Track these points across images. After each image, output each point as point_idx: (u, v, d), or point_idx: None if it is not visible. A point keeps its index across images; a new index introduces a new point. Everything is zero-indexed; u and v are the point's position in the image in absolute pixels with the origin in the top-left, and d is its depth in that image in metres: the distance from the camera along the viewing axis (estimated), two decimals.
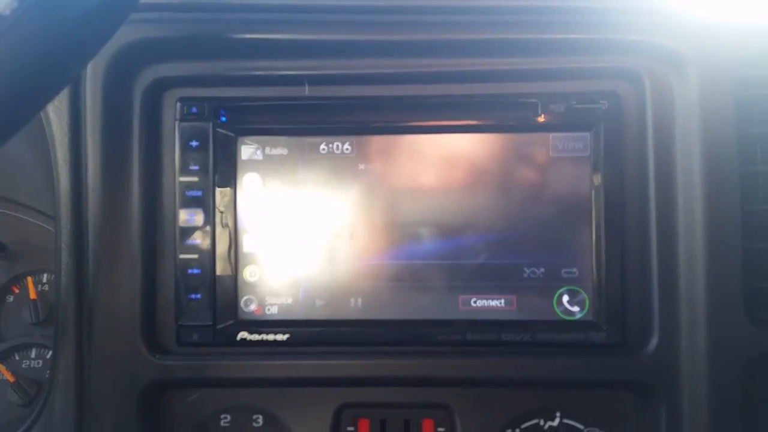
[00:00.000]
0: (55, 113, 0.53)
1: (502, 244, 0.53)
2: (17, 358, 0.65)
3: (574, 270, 0.52)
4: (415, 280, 0.53)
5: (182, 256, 0.54)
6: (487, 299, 0.53)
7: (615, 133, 0.52)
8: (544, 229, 0.53)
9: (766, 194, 0.51)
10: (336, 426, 0.54)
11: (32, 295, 0.65)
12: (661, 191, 0.52)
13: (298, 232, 0.54)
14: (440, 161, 0.53)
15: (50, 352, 0.64)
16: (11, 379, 0.63)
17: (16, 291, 0.66)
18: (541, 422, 0.53)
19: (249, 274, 0.54)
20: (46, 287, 0.66)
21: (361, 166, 0.53)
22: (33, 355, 0.65)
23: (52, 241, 0.64)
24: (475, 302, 0.53)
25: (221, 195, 0.53)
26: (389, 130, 0.53)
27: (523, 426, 0.53)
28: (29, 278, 0.65)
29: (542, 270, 0.53)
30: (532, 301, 0.53)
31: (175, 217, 0.54)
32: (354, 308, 0.53)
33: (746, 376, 0.49)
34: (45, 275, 0.66)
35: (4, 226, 0.66)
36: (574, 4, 0.52)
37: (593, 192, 0.52)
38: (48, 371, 0.63)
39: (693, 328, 0.50)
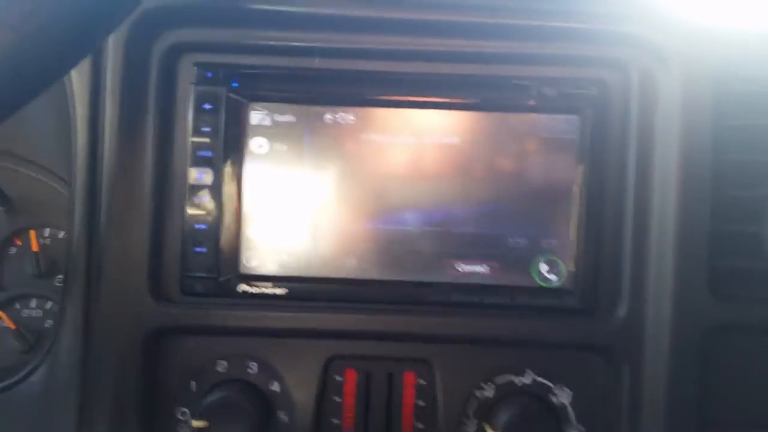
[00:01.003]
0: (78, 73, 0.56)
1: (489, 215, 0.57)
2: (18, 307, 0.68)
3: (554, 241, 0.57)
4: (407, 245, 0.58)
5: (190, 211, 0.57)
6: (471, 265, 0.57)
7: (601, 117, 0.57)
8: (528, 204, 0.57)
9: (735, 182, 0.55)
10: (325, 375, 0.58)
11: (34, 247, 0.68)
12: (640, 174, 0.56)
13: (301, 196, 0.58)
14: (438, 136, 0.57)
15: (50, 303, 0.67)
16: (12, 326, 0.66)
17: (19, 243, 0.69)
18: (514, 379, 0.58)
19: (252, 231, 0.58)
20: (48, 241, 0.69)
21: (363, 136, 0.57)
22: (33, 305, 0.68)
23: (55, 197, 0.67)
24: (460, 267, 0.58)
25: (230, 156, 0.57)
26: (391, 103, 0.57)
27: (497, 381, 0.58)
28: (32, 232, 0.68)
29: (524, 240, 0.57)
30: (513, 268, 0.57)
31: (185, 175, 0.57)
32: (348, 268, 0.58)
33: (704, 344, 0.54)
34: (47, 230, 0.69)
35: (10, 180, 0.68)
36: None
37: (577, 172, 0.57)
38: (48, 321, 0.66)
39: (659, 299, 0.55)
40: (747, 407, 0.55)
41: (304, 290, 0.58)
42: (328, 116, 0.58)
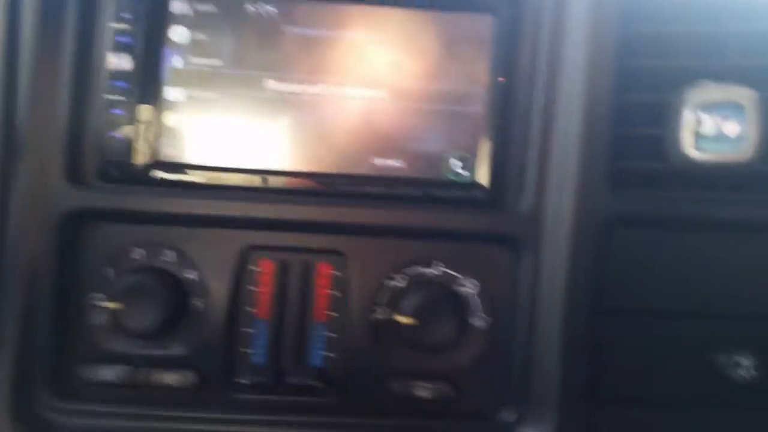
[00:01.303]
0: None
1: (405, 112, 0.59)
2: None
3: (466, 138, 0.59)
4: (324, 139, 0.59)
5: (108, 97, 0.57)
6: (387, 159, 0.59)
7: (515, 19, 0.59)
8: (442, 101, 0.59)
9: (640, 86, 0.58)
10: (241, 265, 0.59)
11: None
12: (549, 75, 0.59)
13: (220, 87, 0.58)
14: (358, 32, 0.59)
15: None
16: None
17: None
18: (424, 270, 0.60)
19: (171, 120, 0.58)
20: None
21: (285, 29, 0.58)
22: None
23: None
24: (375, 161, 0.59)
25: (149, 43, 0.57)
26: None
27: (408, 272, 0.60)
28: None
29: (437, 136, 0.59)
30: (427, 163, 0.59)
31: (104, 60, 0.58)
32: (266, 158, 0.59)
33: (601, 235, 0.57)
34: None
35: None
36: None
37: (490, 72, 0.59)
38: None
39: (561, 193, 0.58)
40: (640, 295, 0.58)
41: (221, 179, 0.58)
42: (249, 7, 0.58)
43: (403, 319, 0.58)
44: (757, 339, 0.59)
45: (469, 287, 0.60)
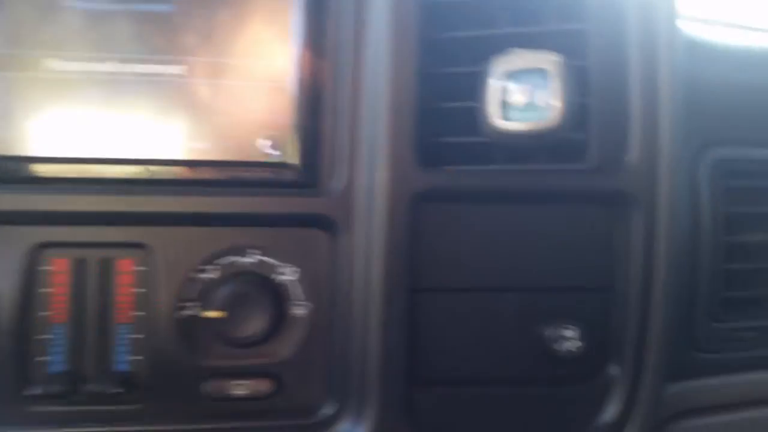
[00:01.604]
0: None
1: (209, 92, 0.55)
2: None
3: (276, 117, 0.56)
4: (120, 122, 0.54)
5: None
6: (189, 141, 0.55)
7: None
8: (249, 79, 0.55)
9: (448, 59, 0.57)
10: (31, 266, 0.53)
11: None
12: (356, 51, 0.56)
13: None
14: (150, 5, 0.54)
15: None
16: None
17: None
18: (238, 259, 0.56)
19: None
20: None
21: (65, 3, 0.53)
22: None
23: None
24: (177, 144, 0.55)
25: None
26: None
27: (221, 263, 0.55)
28: None
29: (246, 115, 0.55)
30: (236, 144, 0.55)
31: None
32: (53, 145, 0.53)
33: (414, 212, 0.55)
34: None
35: None
36: None
37: (296, 45, 0.56)
38: None
39: (373, 170, 0.55)
40: (457, 272, 0.57)
41: (7, 168, 0.52)
42: None
43: (210, 314, 0.53)
44: (580, 311, 0.58)
45: (288, 275, 0.57)
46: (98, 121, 0.54)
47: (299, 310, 0.57)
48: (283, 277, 0.56)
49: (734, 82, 0.73)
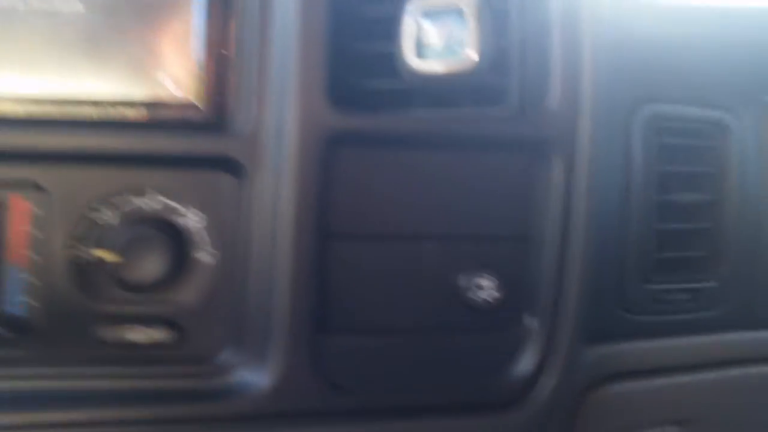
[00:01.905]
0: None
1: (107, 29, 0.52)
2: None
3: (178, 54, 0.53)
4: (17, 59, 0.51)
5: None
6: (88, 79, 0.52)
7: None
8: (150, 15, 0.53)
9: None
10: None
11: None
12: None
13: None
14: None
15: None
16: None
17: None
18: (139, 202, 0.53)
19: None
20: None
21: None
22: None
23: None
24: (75, 82, 0.52)
25: None
26: None
27: (122, 206, 0.53)
28: None
29: (148, 53, 0.53)
30: (137, 83, 0.53)
31: None
32: None
33: (326, 156, 0.53)
34: None
35: None
36: None
37: None
38: None
39: (282, 111, 0.53)
40: (371, 218, 0.55)
41: None
42: None
43: (102, 254, 0.51)
44: (498, 261, 0.56)
45: (192, 219, 0.54)
46: None
47: (203, 256, 0.54)
48: (186, 221, 0.54)
49: (670, 39, 0.71)
